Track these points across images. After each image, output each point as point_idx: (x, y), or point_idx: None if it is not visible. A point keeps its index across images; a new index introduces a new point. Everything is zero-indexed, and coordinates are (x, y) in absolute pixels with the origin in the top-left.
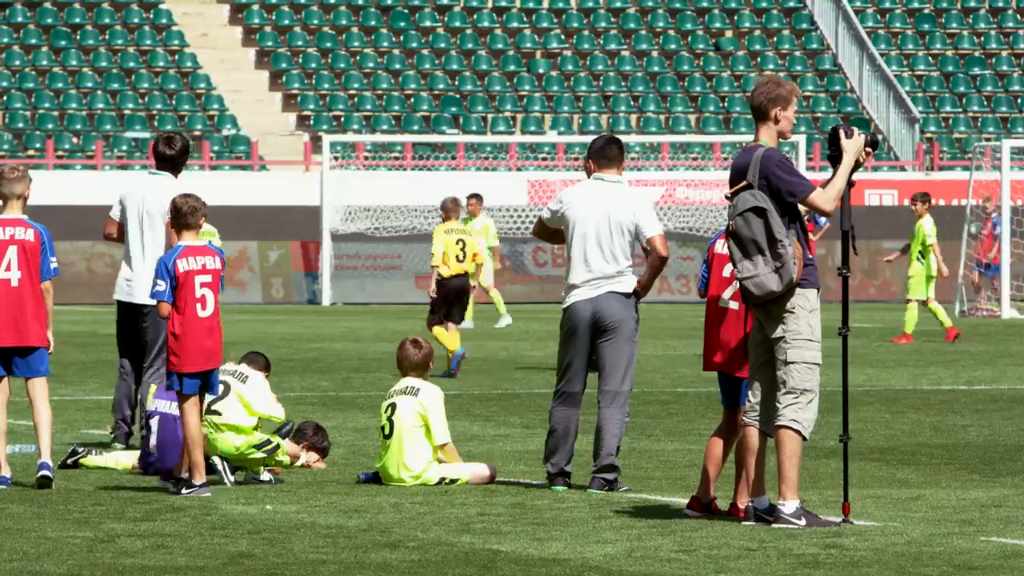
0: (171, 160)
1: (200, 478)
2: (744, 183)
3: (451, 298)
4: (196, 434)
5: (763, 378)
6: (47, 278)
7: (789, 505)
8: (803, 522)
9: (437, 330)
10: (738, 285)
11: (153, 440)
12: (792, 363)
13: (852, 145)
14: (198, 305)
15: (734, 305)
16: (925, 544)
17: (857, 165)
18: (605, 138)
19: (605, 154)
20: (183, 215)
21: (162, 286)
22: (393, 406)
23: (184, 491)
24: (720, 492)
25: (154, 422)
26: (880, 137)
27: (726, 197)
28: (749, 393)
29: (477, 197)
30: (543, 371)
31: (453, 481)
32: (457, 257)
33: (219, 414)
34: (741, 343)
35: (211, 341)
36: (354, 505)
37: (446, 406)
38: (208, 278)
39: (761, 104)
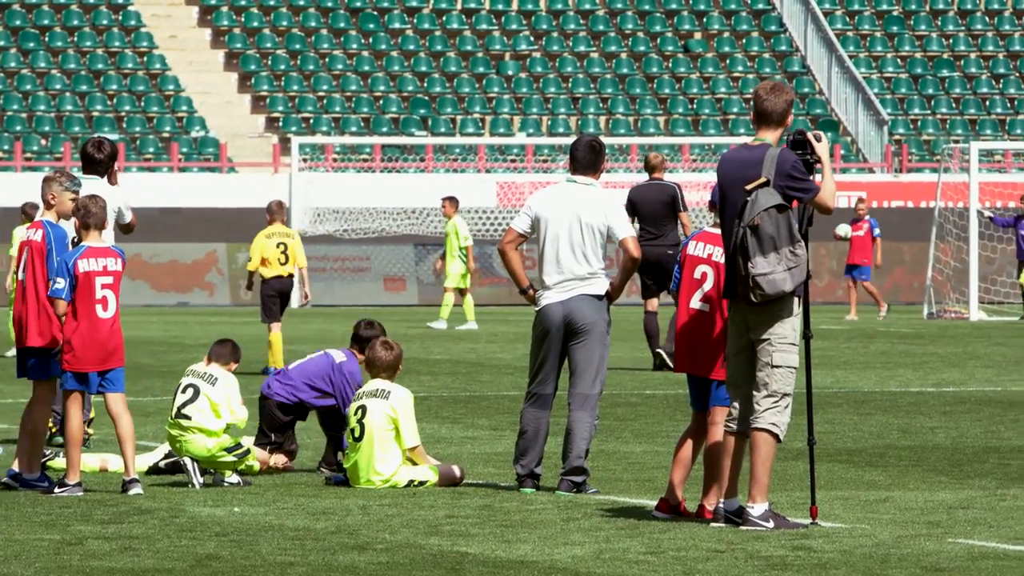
0: (99, 163)
1: (74, 477)
2: (764, 180)
3: (276, 299)
4: (76, 433)
5: (745, 385)
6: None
7: (757, 508)
8: (771, 524)
9: (274, 336)
10: (748, 282)
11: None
12: (777, 366)
13: (823, 148)
14: (99, 306)
15: (704, 307)
16: (893, 546)
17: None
18: (583, 142)
19: (579, 158)
20: (86, 216)
21: (61, 284)
22: (363, 408)
23: (57, 491)
24: (687, 494)
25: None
26: (828, 135)
27: (745, 191)
28: (732, 401)
29: (451, 199)
30: (512, 373)
31: (422, 483)
32: (279, 260)
33: (188, 418)
34: (711, 345)
35: (112, 342)
36: (322, 507)
37: (415, 408)
38: (109, 279)
39: (783, 110)
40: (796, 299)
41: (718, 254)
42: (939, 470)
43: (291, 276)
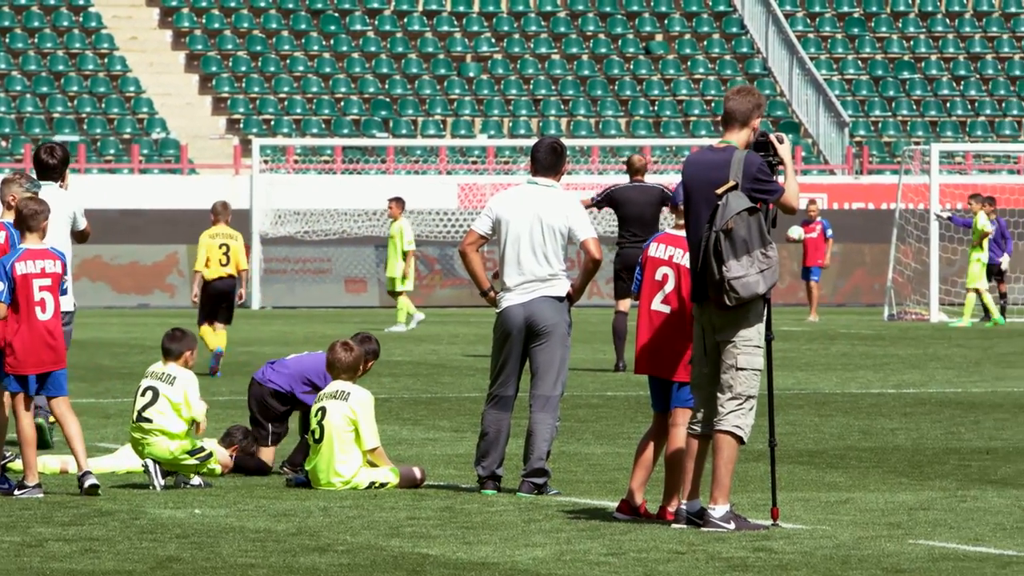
0: (52, 168)
1: (32, 479)
2: (732, 183)
3: (215, 300)
4: (28, 433)
5: (709, 387)
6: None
7: (719, 509)
8: (732, 526)
9: (203, 330)
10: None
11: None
12: (742, 369)
13: (786, 150)
14: (37, 308)
15: (665, 309)
16: (853, 547)
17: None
18: (544, 144)
19: (540, 160)
20: (25, 218)
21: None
22: (323, 410)
23: (17, 493)
24: (649, 495)
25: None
26: (790, 137)
27: (716, 194)
28: (696, 403)
29: (397, 200)
30: (473, 374)
31: (383, 485)
32: (220, 261)
33: (150, 420)
34: (673, 347)
35: (52, 344)
36: (283, 509)
37: (376, 410)
38: (48, 281)
39: (748, 110)
40: (764, 302)
41: (679, 256)
42: (900, 471)
43: (232, 277)
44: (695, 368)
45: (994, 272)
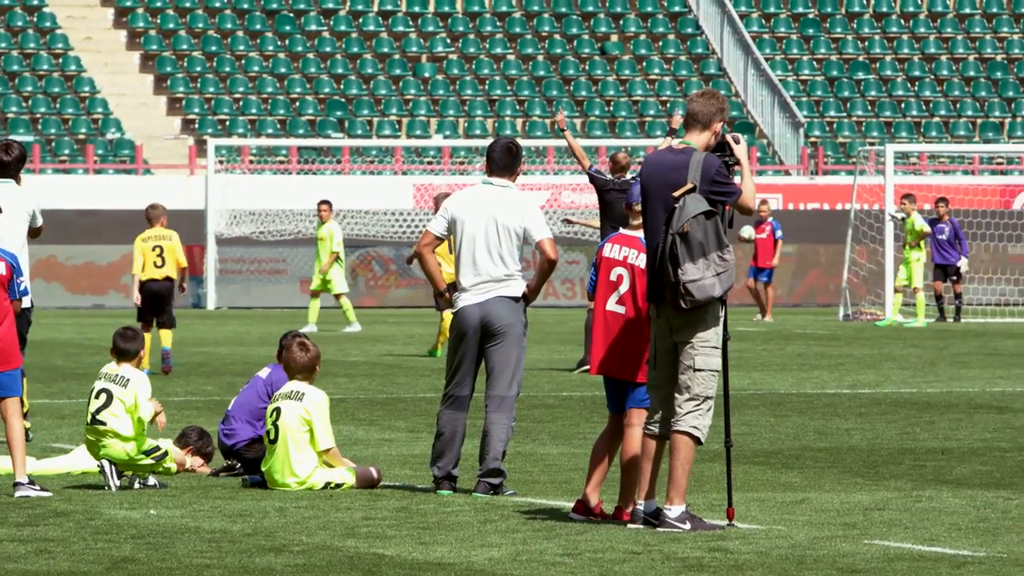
0: (8, 167)
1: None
2: (690, 186)
3: (152, 301)
4: None
5: (667, 388)
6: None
7: (675, 509)
8: (688, 526)
9: (147, 335)
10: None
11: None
12: (699, 370)
13: (742, 151)
14: None
15: (620, 309)
16: (809, 547)
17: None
18: (499, 144)
19: (496, 160)
20: None
21: None
22: (278, 411)
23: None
24: (605, 496)
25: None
26: (745, 138)
27: (673, 197)
28: (653, 404)
29: (326, 203)
30: (428, 375)
31: (339, 486)
32: (155, 263)
33: (104, 423)
34: (629, 347)
35: (1, 345)
36: (239, 509)
37: (331, 410)
38: None
39: (710, 113)
40: (721, 304)
41: (633, 256)
42: (855, 472)
43: (169, 279)
44: (651, 368)
45: (950, 273)
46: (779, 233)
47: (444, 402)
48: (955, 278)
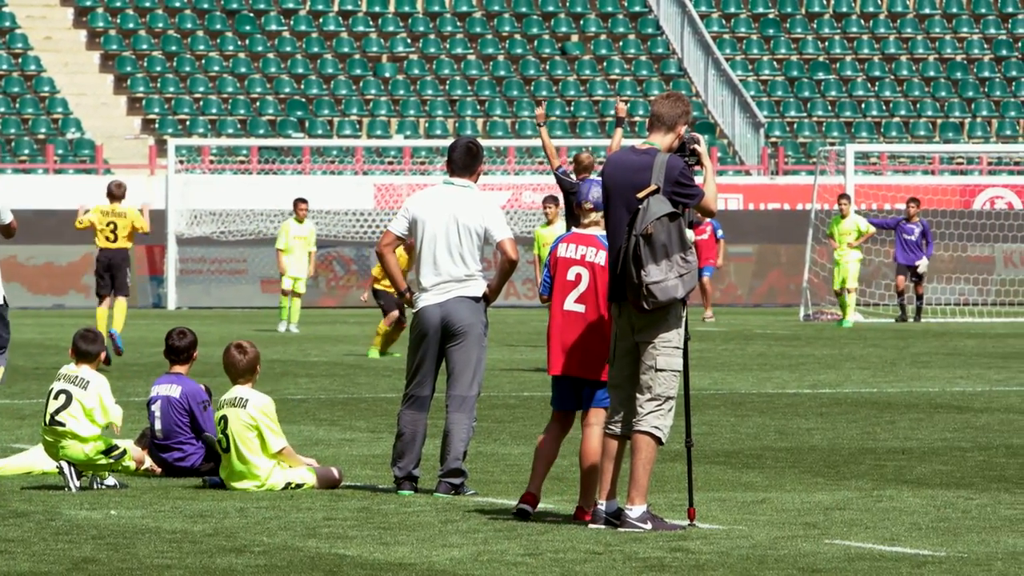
0: None
1: None
2: (654, 187)
3: (106, 270)
4: None
5: (629, 388)
6: None
7: (636, 510)
8: (649, 526)
9: (100, 312)
10: (641, 290)
11: (158, 424)
12: (661, 370)
13: (704, 152)
14: None
15: (580, 308)
16: (770, 547)
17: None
18: (460, 144)
19: (456, 160)
20: None
21: None
22: (224, 419)
23: None
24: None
25: (156, 407)
26: (706, 138)
27: (637, 198)
28: (614, 403)
29: (304, 201)
30: (389, 375)
31: (299, 486)
32: (108, 237)
33: (63, 424)
34: (591, 346)
35: None
36: (199, 510)
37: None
38: None
39: (675, 116)
40: (684, 305)
41: (592, 254)
42: (816, 471)
43: (124, 250)
44: (613, 367)
45: (912, 273)
46: (720, 233)
47: (405, 402)
48: (916, 279)
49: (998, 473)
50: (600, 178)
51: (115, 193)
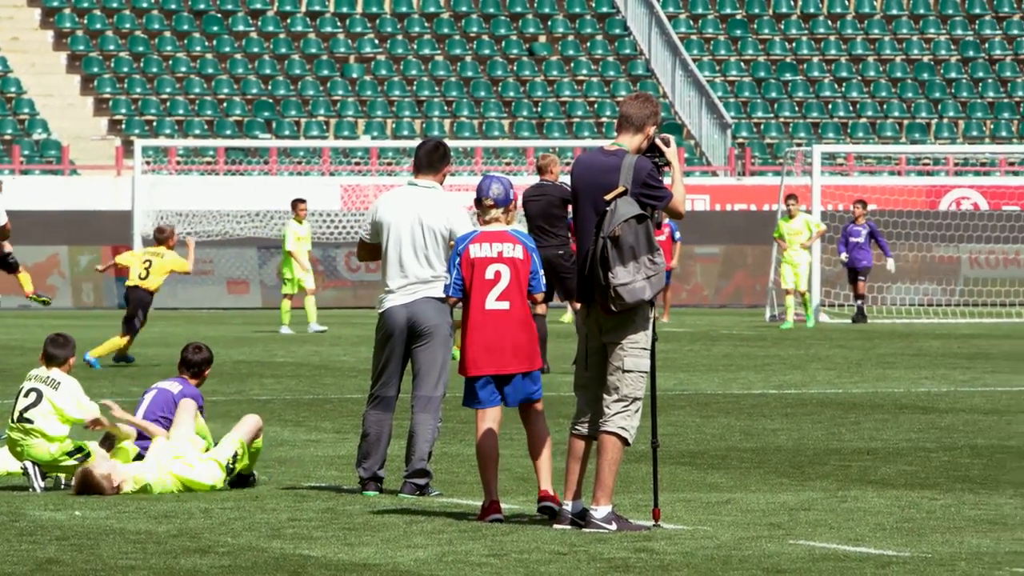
0: None
1: None
2: (622, 189)
3: (135, 305)
4: None
5: (596, 388)
6: None
7: (601, 510)
8: (614, 527)
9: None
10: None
11: (140, 411)
12: (629, 371)
13: (673, 152)
14: None
15: (504, 305)
16: (734, 547)
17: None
18: (426, 145)
19: (421, 159)
20: None
21: None
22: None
23: None
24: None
25: (149, 395)
26: (673, 139)
27: (605, 200)
28: (580, 404)
29: (303, 201)
30: (355, 376)
31: (235, 456)
32: (140, 275)
33: (31, 421)
34: (519, 340)
35: None
36: (164, 511)
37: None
38: None
39: (644, 117)
40: (651, 306)
41: (509, 250)
42: (781, 472)
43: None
44: (580, 367)
45: (858, 274)
46: (677, 235)
47: (370, 403)
48: (862, 278)
49: (962, 473)
50: (501, 175)
51: (160, 238)
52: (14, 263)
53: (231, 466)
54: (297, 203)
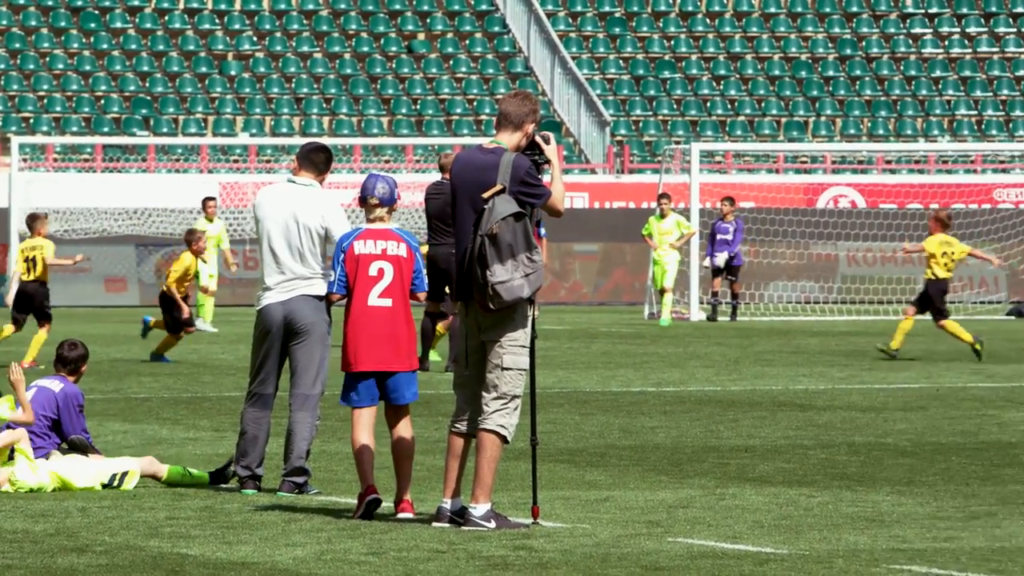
0: None
1: None
2: (500, 187)
3: (25, 301)
4: None
5: (475, 386)
6: None
7: (480, 508)
8: (493, 524)
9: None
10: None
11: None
12: (507, 369)
13: (552, 150)
14: None
15: (386, 303)
16: (613, 545)
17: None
18: (310, 144)
19: (301, 156)
20: None
21: None
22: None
23: None
24: (414, 495)
25: (29, 394)
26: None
27: (483, 198)
28: (460, 402)
29: (213, 199)
30: (233, 374)
31: (124, 475)
32: (27, 269)
33: None
34: (401, 337)
35: None
36: (40, 510)
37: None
38: None
39: (523, 115)
40: (530, 304)
41: (393, 247)
42: (659, 469)
43: (38, 281)
44: (459, 365)
45: (727, 271)
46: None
47: (248, 400)
48: (733, 278)
49: (840, 471)
50: (385, 174)
51: (32, 225)
52: None
53: (115, 483)
54: (207, 201)
